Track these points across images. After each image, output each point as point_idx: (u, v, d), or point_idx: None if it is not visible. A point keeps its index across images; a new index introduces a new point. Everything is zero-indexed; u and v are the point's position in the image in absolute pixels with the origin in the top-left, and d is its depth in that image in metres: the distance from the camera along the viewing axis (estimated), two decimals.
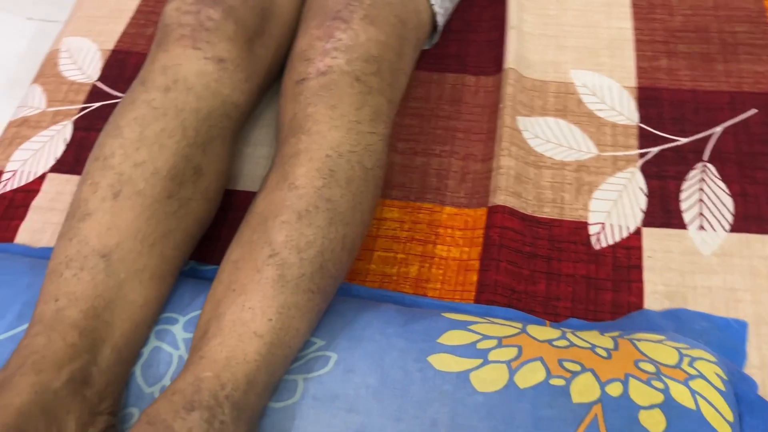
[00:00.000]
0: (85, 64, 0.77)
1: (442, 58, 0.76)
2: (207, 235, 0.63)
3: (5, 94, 0.93)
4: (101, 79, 0.76)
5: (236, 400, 0.44)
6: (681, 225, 0.63)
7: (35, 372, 0.42)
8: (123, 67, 0.76)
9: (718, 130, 0.69)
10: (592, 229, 0.63)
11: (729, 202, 0.64)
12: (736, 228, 0.62)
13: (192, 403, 0.42)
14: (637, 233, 0.63)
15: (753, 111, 0.69)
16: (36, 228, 0.65)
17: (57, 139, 0.71)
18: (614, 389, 0.45)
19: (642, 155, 0.67)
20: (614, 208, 0.64)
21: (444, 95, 0.73)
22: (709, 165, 0.66)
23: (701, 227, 0.62)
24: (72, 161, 0.69)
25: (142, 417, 0.42)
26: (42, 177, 0.68)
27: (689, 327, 0.56)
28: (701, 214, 0.63)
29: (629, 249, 0.62)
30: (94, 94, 0.74)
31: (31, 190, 0.68)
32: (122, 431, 0.48)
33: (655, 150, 0.68)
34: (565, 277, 0.61)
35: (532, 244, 0.62)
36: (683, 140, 0.68)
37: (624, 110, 0.71)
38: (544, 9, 0.80)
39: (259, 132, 0.71)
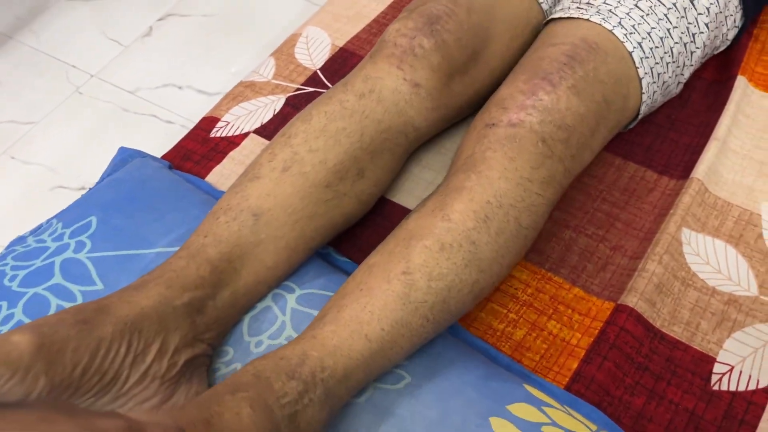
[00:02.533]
0: (315, 52, 0.87)
1: (632, 145, 0.75)
2: (350, 231, 0.69)
3: (259, 55, 1.07)
4: (322, 69, 0.85)
5: (329, 386, 0.48)
6: None
7: (166, 286, 0.51)
8: (344, 63, 0.85)
9: None
10: (718, 368, 0.59)
11: None
12: None
13: (294, 372, 0.47)
14: (767, 391, 0.57)
15: None
16: (225, 173, 0.76)
17: (269, 107, 0.82)
18: None
19: None
20: (753, 356, 0.60)
21: (619, 182, 0.72)
22: None
23: None
24: (272, 130, 0.79)
25: (248, 367, 0.48)
26: (246, 134, 0.79)
27: None
28: None
29: (750, 404, 0.57)
30: (312, 80, 0.84)
31: (233, 142, 0.79)
32: (214, 363, 0.55)
33: None
34: (668, 403, 0.58)
35: (647, 357, 0.60)
36: None
37: None
38: (763, 132, 0.75)
39: (433, 157, 0.76)
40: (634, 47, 0.66)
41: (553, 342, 0.62)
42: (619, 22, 0.67)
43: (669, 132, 0.76)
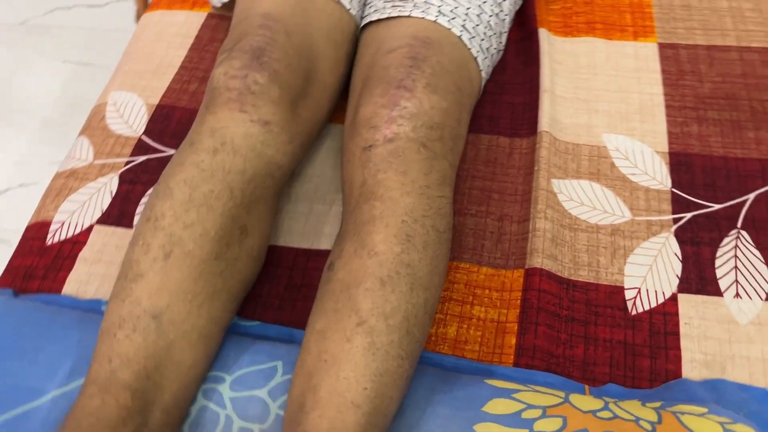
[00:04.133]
0: (131, 118, 0.79)
1: (476, 119, 0.78)
2: (249, 291, 0.64)
3: (41, 135, 0.96)
4: (146, 133, 0.78)
5: None
6: (717, 292, 0.63)
7: None
8: (167, 121, 0.79)
9: (750, 197, 0.70)
10: (628, 294, 0.64)
11: (764, 270, 0.64)
12: None
13: None
14: (673, 299, 0.63)
15: None
16: (82, 279, 0.66)
17: (104, 191, 0.73)
18: None
19: (676, 220, 0.68)
20: (650, 273, 0.65)
21: (479, 156, 0.75)
22: (743, 232, 0.67)
23: (737, 295, 0.63)
24: (117, 214, 0.71)
25: None
26: (89, 229, 0.70)
27: (728, 398, 0.56)
28: (737, 281, 0.64)
29: (665, 315, 0.63)
30: (140, 148, 0.76)
31: (78, 241, 0.69)
32: None
33: (688, 215, 0.69)
34: (602, 342, 0.61)
35: (569, 308, 0.63)
36: (716, 206, 0.69)
37: (657, 175, 0.72)
38: (576, 73, 0.82)
39: (300, 188, 0.73)
40: (461, 31, 0.68)
41: (485, 326, 0.63)
42: (439, 11, 0.68)
43: (502, 96, 0.81)
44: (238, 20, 0.70)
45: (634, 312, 0.63)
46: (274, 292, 0.66)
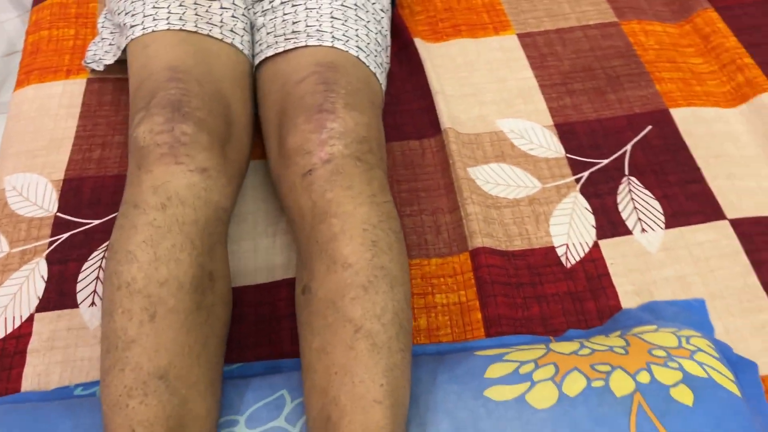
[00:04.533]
0: (38, 198, 0.76)
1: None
2: None
3: None
4: (61, 209, 0.75)
5: None
6: (627, 232, 0.74)
7: None
8: (80, 193, 0.76)
9: (628, 148, 0.82)
10: (559, 251, 0.73)
11: (656, 204, 0.76)
12: (669, 225, 0.74)
13: None
14: (596, 246, 0.73)
15: (649, 127, 0.83)
16: (40, 371, 0.63)
17: (32, 278, 0.69)
18: (644, 377, 0.53)
19: (577, 180, 0.79)
20: (570, 229, 0.74)
21: (397, 162, 0.81)
22: (632, 178, 0.79)
23: (643, 230, 0.74)
24: (57, 296, 0.68)
25: None
26: (29, 319, 0.67)
27: (664, 314, 0.66)
28: (639, 219, 0.75)
29: (594, 261, 0.72)
30: (59, 225, 0.73)
31: (21, 335, 0.65)
32: None
33: (585, 174, 0.79)
34: (551, 297, 0.69)
35: (515, 275, 0.71)
36: (605, 161, 0.80)
37: (550, 146, 0.82)
38: (457, 72, 0.90)
39: (237, 228, 0.74)
40: (357, 51, 0.73)
41: (451, 310, 0.68)
42: (332, 36, 0.73)
43: (399, 106, 0.87)
44: (140, 79, 0.70)
45: (568, 265, 0.72)
46: (245, 332, 0.67)
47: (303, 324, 0.56)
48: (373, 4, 0.81)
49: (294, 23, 0.75)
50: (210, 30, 0.74)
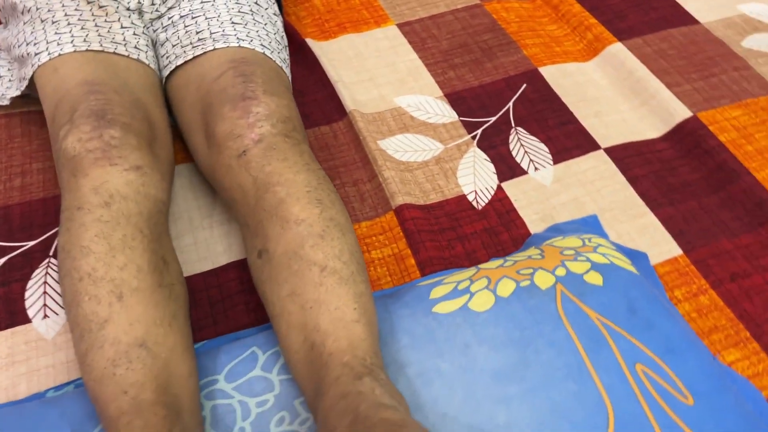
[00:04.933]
0: None
1: None
2: None
3: None
4: None
5: (379, 365, 0.53)
6: (523, 172, 0.85)
7: None
8: (9, 220, 0.77)
9: (510, 105, 0.93)
10: (470, 197, 0.82)
11: (543, 146, 0.88)
12: (556, 161, 0.86)
13: (357, 374, 0.51)
14: (500, 188, 0.83)
15: (524, 86, 0.96)
16: (6, 385, 0.64)
17: None
18: (561, 271, 0.63)
19: (473, 137, 0.89)
20: (475, 178, 0.84)
21: (313, 147, 0.88)
22: (518, 128, 0.90)
23: (536, 169, 0.85)
24: (8, 316, 0.69)
25: (327, 401, 0.50)
26: None
27: (566, 232, 0.77)
28: (531, 160, 0.86)
29: (501, 200, 0.82)
30: None
31: None
32: None
33: (479, 131, 0.90)
34: (470, 235, 0.78)
35: (437, 223, 0.79)
36: (493, 119, 0.91)
37: (445, 113, 0.92)
38: (350, 63, 0.99)
39: (176, 226, 0.78)
40: (263, 48, 0.80)
41: (387, 261, 0.76)
42: (237, 38, 0.79)
43: (305, 98, 0.94)
44: (56, 99, 0.73)
45: (479, 207, 0.81)
46: (202, 315, 0.71)
47: (265, 281, 0.61)
48: (266, 9, 0.88)
49: (198, 32, 0.81)
50: (116, 48, 0.78)
